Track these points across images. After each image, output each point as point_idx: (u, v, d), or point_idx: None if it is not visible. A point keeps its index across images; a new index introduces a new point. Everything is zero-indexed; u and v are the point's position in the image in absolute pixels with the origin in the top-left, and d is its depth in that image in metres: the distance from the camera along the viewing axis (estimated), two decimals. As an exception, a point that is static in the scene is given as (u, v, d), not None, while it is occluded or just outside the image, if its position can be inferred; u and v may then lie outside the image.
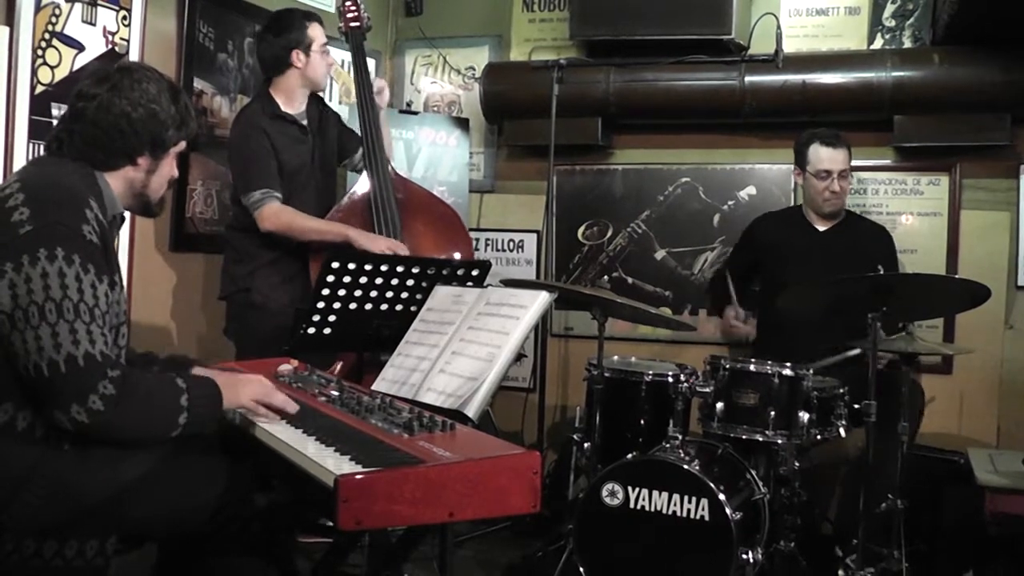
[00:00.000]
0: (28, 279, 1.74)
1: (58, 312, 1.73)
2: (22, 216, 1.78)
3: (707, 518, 2.74)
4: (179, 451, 1.92)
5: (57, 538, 1.77)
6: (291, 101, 3.33)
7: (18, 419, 1.79)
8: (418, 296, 2.82)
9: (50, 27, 2.96)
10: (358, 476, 1.57)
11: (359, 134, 3.47)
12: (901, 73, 3.70)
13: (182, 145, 2.07)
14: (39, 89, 2.93)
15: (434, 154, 4.33)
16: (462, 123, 4.43)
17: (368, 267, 2.78)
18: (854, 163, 3.62)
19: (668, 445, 2.95)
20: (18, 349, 1.74)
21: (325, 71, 3.41)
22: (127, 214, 2.08)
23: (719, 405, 3.04)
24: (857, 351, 3.19)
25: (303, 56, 3.30)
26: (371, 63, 4.12)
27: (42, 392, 1.75)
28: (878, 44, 3.95)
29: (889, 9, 3.96)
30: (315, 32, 3.32)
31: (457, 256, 3.43)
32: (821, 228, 3.64)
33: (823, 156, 3.53)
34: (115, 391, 1.74)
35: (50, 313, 1.73)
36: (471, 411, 2.13)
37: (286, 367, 2.49)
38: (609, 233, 4.37)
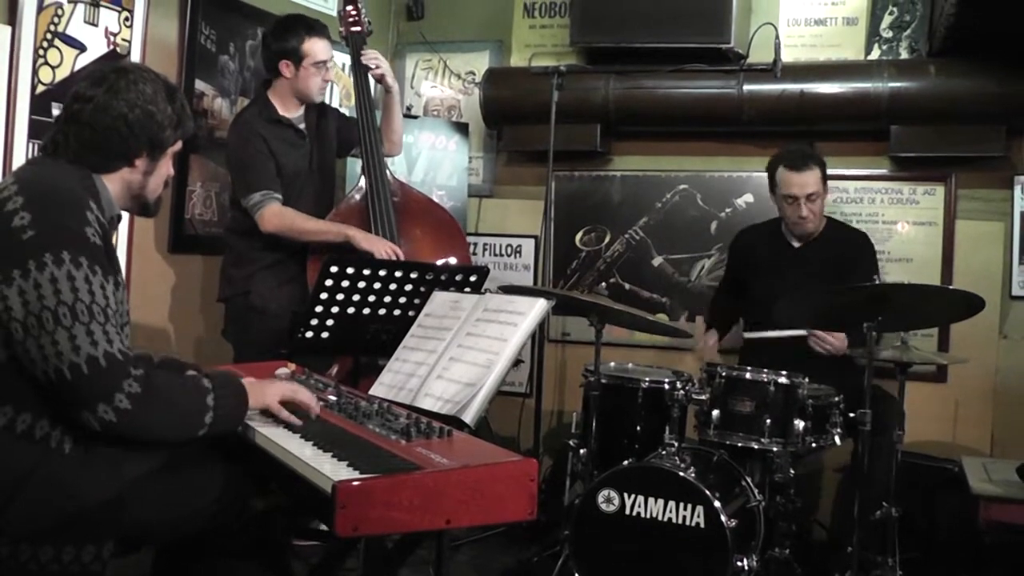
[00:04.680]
0: (37, 285, 1.72)
1: (72, 315, 1.72)
2: (23, 221, 1.76)
3: (702, 525, 2.75)
4: (178, 455, 1.92)
5: (54, 543, 1.75)
6: (287, 106, 3.33)
7: (18, 422, 1.78)
8: (416, 301, 2.83)
9: (52, 27, 2.96)
10: (356, 482, 1.57)
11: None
12: (898, 84, 3.72)
13: (179, 145, 2.06)
14: (40, 89, 2.94)
15: (433, 158, 4.34)
16: (462, 128, 4.44)
17: (366, 271, 2.78)
18: (851, 172, 3.62)
19: (664, 452, 2.96)
20: (35, 355, 1.72)
21: (318, 87, 3.31)
22: (124, 214, 2.08)
23: (715, 412, 3.05)
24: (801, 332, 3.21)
25: (292, 68, 3.25)
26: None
27: (66, 396, 1.73)
28: (875, 55, 3.97)
29: (886, 20, 3.97)
30: (312, 47, 3.24)
31: (453, 261, 3.44)
32: (796, 244, 3.54)
33: (788, 180, 3.39)
34: (141, 389, 1.74)
35: (64, 317, 1.71)
36: (468, 417, 2.13)
37: (283, 371, 2.50)
38: (607, 239, 4.38)
